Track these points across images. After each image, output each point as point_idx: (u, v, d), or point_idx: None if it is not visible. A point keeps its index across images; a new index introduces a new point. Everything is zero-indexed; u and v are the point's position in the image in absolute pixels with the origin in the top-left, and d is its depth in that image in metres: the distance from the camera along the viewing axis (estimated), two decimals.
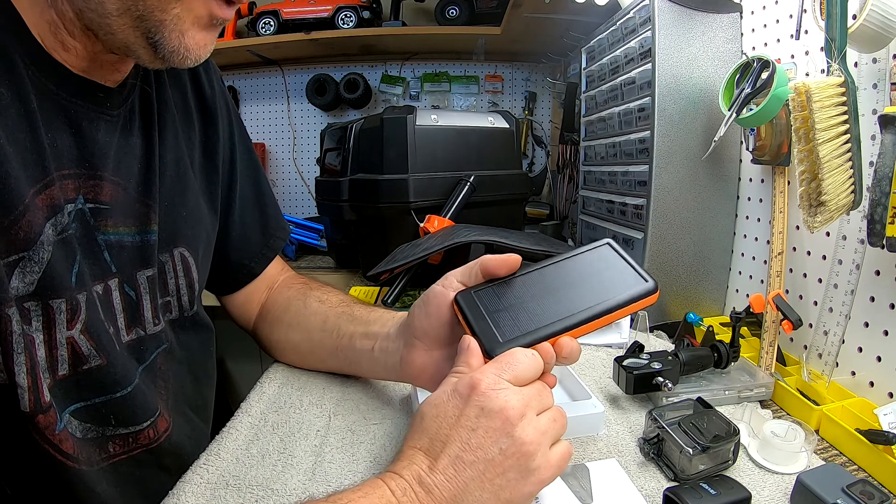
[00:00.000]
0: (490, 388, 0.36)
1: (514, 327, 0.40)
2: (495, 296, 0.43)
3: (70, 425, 0.41)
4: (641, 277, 0.42)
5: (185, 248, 0.53)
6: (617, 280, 0.42)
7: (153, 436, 0.47)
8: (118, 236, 0.45)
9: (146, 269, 0.48)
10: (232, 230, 0.62)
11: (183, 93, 0.55)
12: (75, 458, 0.40)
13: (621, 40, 0.88)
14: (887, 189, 0.48)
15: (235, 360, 1.99)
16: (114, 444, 0.44)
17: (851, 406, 0.53)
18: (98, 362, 0.41)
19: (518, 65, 1.86)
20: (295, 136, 1.93)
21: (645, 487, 0.44)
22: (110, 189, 0.44)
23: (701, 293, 0.82)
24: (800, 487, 0.41)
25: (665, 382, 0.54)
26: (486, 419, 0.35)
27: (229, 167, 0.62)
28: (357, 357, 0.57)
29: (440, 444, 0.35)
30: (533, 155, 1.87)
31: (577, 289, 0.42)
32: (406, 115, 1.02)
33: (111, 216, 0.44)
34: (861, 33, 0.51)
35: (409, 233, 1.00)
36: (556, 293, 0.42)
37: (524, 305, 0.42)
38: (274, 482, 0.44)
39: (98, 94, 0.43)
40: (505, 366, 0.37)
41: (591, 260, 0.44)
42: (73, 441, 0.41)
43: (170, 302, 0.52)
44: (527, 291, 0.43)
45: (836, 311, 0.57)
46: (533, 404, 0.36)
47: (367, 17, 1.62)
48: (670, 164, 0.77)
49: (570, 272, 0.44)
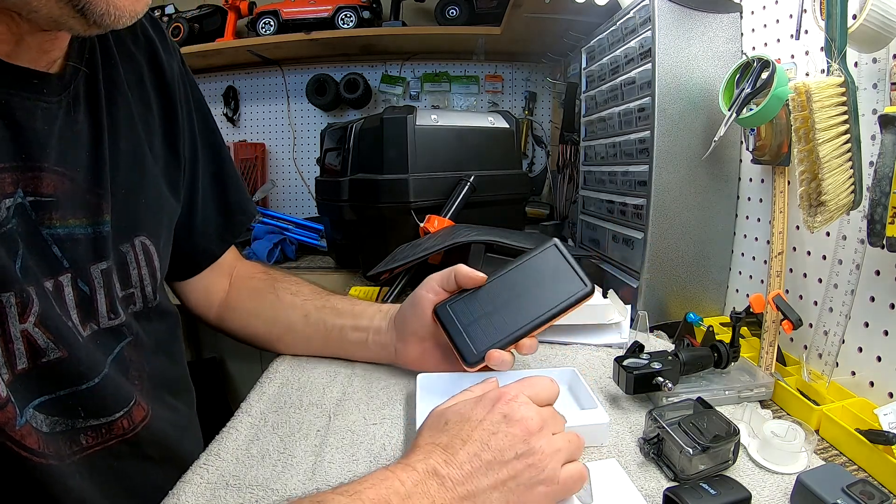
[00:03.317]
0: (514, 400, 0.39)
1: (483, 338, 0.53)
2: (465, 308, 0.55)
3: (35, 420, 0.39)
4: (581, 281, 0.54)
5: (146, 237, 0.51)
6: (560, 285, 0.54)
7: (128, 426, 0.46)
8: (67, 230, 0.43)
9: (100, 263, 0.46)
10: (195, 214, 0.61)
11: (139, 74, 0.52)
12: (41, 454, 0.39)
13: (621, 40, 0.88)
14: (887, 189, 0.48)
15: (235, 360, 1.99)
16: (86, 437, 0.43)
17: (851, 406, 0.53)
18: (58, 355, 0.40)
19: (518, 65, 1.86)
20: (295, 136, 1.93)
21: (645, 487, 0.44)
22: (53, 181, 0.42)
23: (701, 293, 0.82)
24: (800, 487, 0.41)
25: (665, 382, 0.54)
26: (507, 425, 0.38)
27: (192, 151, 0.60)
28: (351, 347, 0.63)
29: (460, 442, 0.37)
30: (533, 155, 1.87)
31: (529, 297, 0.55)
32: (406, 115, 1.01)
33: (57, 209, 0.42)
34: (861, 33, 0.51)
35: (409, 233, 1.00)
36: (512, 303, 0.54)
37: (489, 317, 0.54)
38: (274, 482, 0.44)
39: (32, 81, 0.40)
40: (528, 386, 0.42)
41: (540, 264, 0.56)
42: (39, 436, 0.39)
43: (133, 294, 0.50)
44: (489, 303, 0.55)
45: (836, 311, 0.57)
46: (549, 424, 0.40)
47: (367, 17, 1.63)
48: (670, 164, 0.77)
49: (523, 279, 0.56)
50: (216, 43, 1.65)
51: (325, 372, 0.64)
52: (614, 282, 0.89)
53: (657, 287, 0.80)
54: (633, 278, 0.83)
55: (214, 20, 1.72)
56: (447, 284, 0.57)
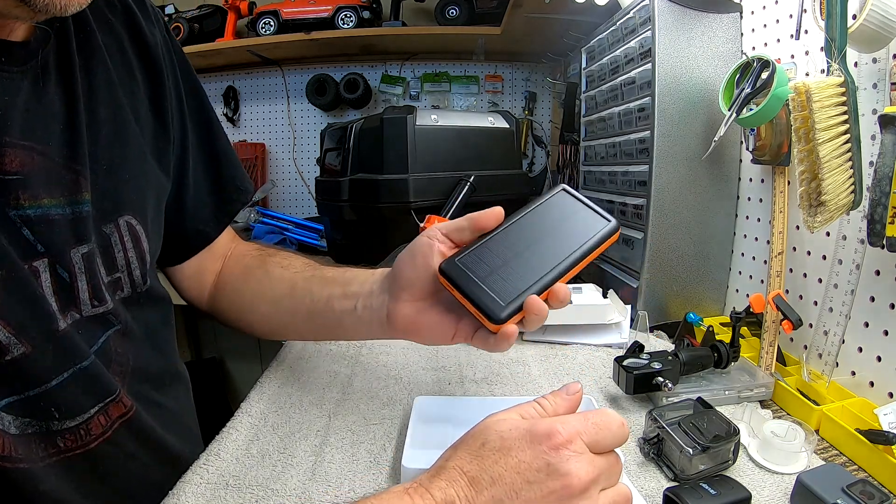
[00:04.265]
0: (564, 447, 0.32)
1: (508, 288, 0.42)
2: (479, 260, 0.44)
3: (2, 421, 0.37)
4: (603, 218, 0.46)
5: (131, 217, 0.47)
6: (581, 225, 0.46)
7: (105, 422, 0.43)
8: (41, 210, 0.39)
9: (81, 246, 0.42)
10: (186, 193, 0.57)
11: (119, 42, 0.48)
12: (7, 457, 0.37)
13: (621, 40, 0.88)
14: (887, 189, 0.48)
15: (235, 360, 1.99)
16: (63, 440, 0.40)
17: (851, 406, 0.53)
18: (22, 350, 0.37)
19: (518, 65, 1.86)
20: (295, 136, 1.93)
21: (645, 487, 0.44)
22: (20, 156, 0.38)
23: (701, 293, 0.82)
24: (800, 487, 0.41)
25: (665, 382, 0.54)
26: (546, 477, 0.32)
27: (180, 124, 0.55)
28: (337, 319, 0.53)
29: (488, 480, 0.32)
30: (533, 155, 1.87)
31: (550, 239, 0.45)
32: (406, 115, 1.02)
33: (26, 187, 0.38)
34: (861, 33, 0.51)
35: (409, 233, 0.99)
36: (532, 248, 0.45)
37: (508, 265, 0.44)
38: (274, 482, 0.44)
39: None
40: (591, 426, 0.34)
41: (553, 208, 0.47)
42: (6, 438, 0.37)
43: (120, 279, 0.47)
44: (506, 251, 0.45)
45: (836, 311, 0.57)
46: (601, 480, 0.33)
47: (367, 17, 1.62)
48: (670, 164, 0.77)
49: (538, 224, 0.46)
50: (216, 43, 1.65)
51: (325, 372, 0.64)
52: (614, 282, 0.89)
53: (657, 287, 0.80)
54: (633, 278, 0.83)
55: (214, 20, 1.72)
56: (457, 234, 0.46)
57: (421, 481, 0.33)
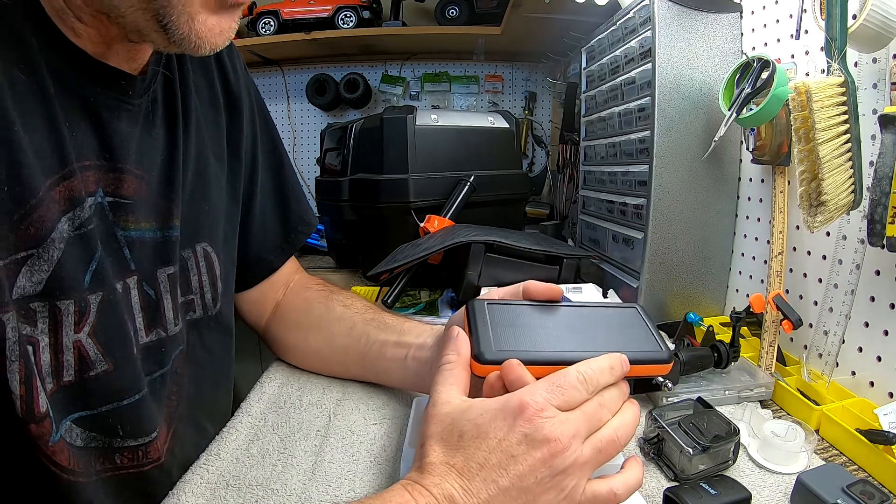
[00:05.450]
0: (538, 415, 0.33)
1: (512, 342, 0.39)
2: (507, 313, 0.42)
3: (70, 434, 0.38)
4: (658, 344, 0.41)
5: (207, 243, 0.51)
6: (633, 338, 0.41)
7: (162, 447, 0.45)
8: (139, 233, 0.43)
9: (167, 267, 0.45)
10: (252, 222, 0.60)
11: (209, 80, 0.53)
12: (70, 470, 0.38)
13: (621, 40, 0.88)
14: (887, 189, 0.48)
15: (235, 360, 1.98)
16: (122, 457, 0.42)
17: (851, 406, 0.53)
18: (104, 368, 0.39)
19: (518, 65, 1.86)
20: (295, 136, 1.93)
21: (645, 487, 0.44)
22: (133, 183, 0.42)
23: (701, 293, 0.82)
24: (800, 487, 0.41)
25: (665, 382, 0.54)
26: (528, 448, 0.33)
27: (251, 156, 0.59)
28: (386, 365, 0.56)
29: (476, 466, 0.33)
30: (533, 155, 1.87)
31: (589, 332, 0.41)
32: (406, 115, 1.01)
33: (133, 211, 0.42)
34: (861, 33, 0.51)
35: (409, 233, 1.00)
36: (566, 329, 0.42)
37: (530, 330, 0.41)
38: (274, 482, 0.44)
39: (120, 82, 0.40)
40: (556, 388, 0.35)
41: (615, 315, 0.44)
42: (71, 451, 0.38)
43: (192, 301, 0.50)
44: (539, 320, 0.42)
45: (836, 310, 0.57)
46: (581, 432, 0.34)
47: (367, 17, 1.62)
48: (670, 164, 0.77)
49: (588, 317, 0.43)
50: None
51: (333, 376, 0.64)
52: (614, 282, 0.89)
53: (657, 287, 0.80)
54: (633, 278, 0.83)
55: None
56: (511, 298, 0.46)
57: (412, 478, 0.34)
